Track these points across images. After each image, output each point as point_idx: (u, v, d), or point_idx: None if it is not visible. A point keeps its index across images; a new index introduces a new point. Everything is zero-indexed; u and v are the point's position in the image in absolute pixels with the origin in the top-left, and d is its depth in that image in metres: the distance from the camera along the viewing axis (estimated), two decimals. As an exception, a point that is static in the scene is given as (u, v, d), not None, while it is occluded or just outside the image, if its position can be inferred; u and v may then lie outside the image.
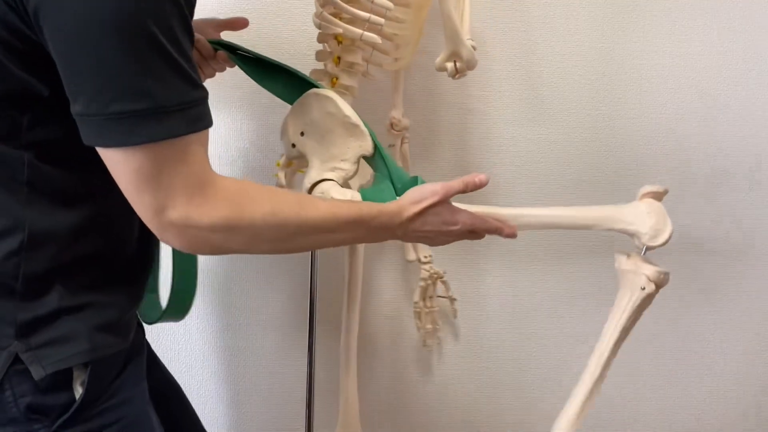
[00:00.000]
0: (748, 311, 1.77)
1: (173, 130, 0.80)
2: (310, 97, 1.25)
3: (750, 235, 1.75)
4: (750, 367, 1.79)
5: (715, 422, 1.80)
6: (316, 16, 1.24)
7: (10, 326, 0.86)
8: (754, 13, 1.67)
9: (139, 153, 0.79)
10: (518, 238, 1.14)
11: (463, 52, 1.29)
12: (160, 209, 0.83)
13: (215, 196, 0.86)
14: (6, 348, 0.86)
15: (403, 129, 1.51)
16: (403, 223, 1.06)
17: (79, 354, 0.89)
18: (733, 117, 1.71)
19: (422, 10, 1.35)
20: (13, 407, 0.87)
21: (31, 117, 0.84)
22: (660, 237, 1.17)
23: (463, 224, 1.10)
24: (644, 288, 1.17)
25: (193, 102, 0.82)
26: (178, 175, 0.82)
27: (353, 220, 1.00)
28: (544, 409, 1.79)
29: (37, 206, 0.86)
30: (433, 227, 1.08)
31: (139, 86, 0.77)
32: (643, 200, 1.19)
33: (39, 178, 0.86)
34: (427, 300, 1.66)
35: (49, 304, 0.88)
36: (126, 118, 0.77)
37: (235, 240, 0.89)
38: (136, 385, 1.00)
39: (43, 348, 0.87)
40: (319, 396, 1.58)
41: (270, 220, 0.90)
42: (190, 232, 0.85)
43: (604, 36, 1.66)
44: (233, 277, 1.71)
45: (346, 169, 1.26)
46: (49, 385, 0.88)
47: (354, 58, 1.28)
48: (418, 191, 1.09)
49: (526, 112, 1.68)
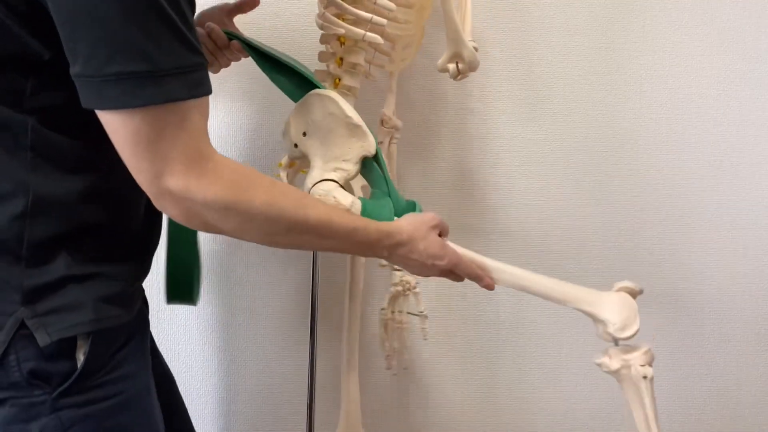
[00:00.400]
0: (748, 311, 1.77)
1: (172, 94, 0.80)
2: (313, 97, 1.25)
3: (749, 234, 1.75)
4: (750, 367, 1.79)
5: (715, 422, 1.81)
6: (318, 17, 1.24)
7: (16, 292, 0.87)
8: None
9: (137, 117, 0.80)
10: (518, 237, 1.14)
11: (465, 54, 1.29)
12: (158, 175, 0.83)
13: (215, 172, 0.86)
14: (12, 314, 0.87)
15: (392, 128, 1.50)
16: (393, 245, 1.07)
17: (84, 323, 0.89)
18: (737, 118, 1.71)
19: (424, 11, 1.35)
20: (16, 371, 0.87)
21: (35, 82, 0.85)
22: (626, 331, 1.18)
23: (449, 262, 1.12)
24: (645, 376, 1.18)
25: (193, 67, 0.82)
26: (178, 143, 0.82)
27: (346, 231, 1.01)
28: (544, 408, 1.80)
29: (42, 172, 0.87)
30: (420, 257, 1.10)
31: (138, 48, 0.77)
32: (618, 293, 1.20)
33: (43, 144, 0.87)
34: (396, 312, 1.58)
35: (56, 272, 0.88)
36: (124, 80, 0.77)
37: (228, 221, 0.89)
38: (138, 360, 1.00)
39: (49, 315, 0.88)
40: (320, 396, 1.58)
41: (266, 210, 0.91)
42: (186, 203, 0.85)
43: (604, 36, 1.67)
44: (234, 278, 1.71)
45: (347, 169, 1.26)
46: (53, 352, 0.88)
47: (356, 59, 1.28)
48: (418, 218, 1.12)
49: (526, 112, 1.68)
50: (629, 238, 1.74)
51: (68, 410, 0.90)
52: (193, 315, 1.71)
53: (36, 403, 0.89)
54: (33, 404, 0.89)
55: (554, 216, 1.73)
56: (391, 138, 1.54)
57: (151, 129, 0.80)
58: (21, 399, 0.88)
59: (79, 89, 0.80)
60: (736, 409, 1.80)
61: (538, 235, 1.73)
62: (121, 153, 0.83)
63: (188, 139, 0.83)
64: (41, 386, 0.88)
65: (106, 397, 0.93)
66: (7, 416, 0.89)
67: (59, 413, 0.89)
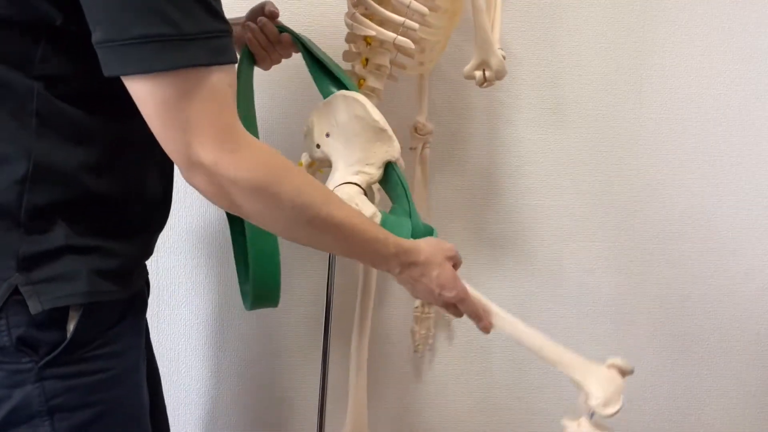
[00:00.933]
0: (748, 311, 1.80)
1: (195, 59, 0.79)
2: (338, 98, 1.22)
3: (749, 234, 1.77)
4: (750, 367, 1.82)
5: (715, 422, 1.83)
6: (347, 16, 1.22)
7: (12, 258, 0.87)
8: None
9: (163, 82, 0.79)
10: (519, 239, 1.13)
11: (492, 62, 1.27)
12: (188, 145, 0.82)
13: (250, 150, 0.86)
14: (7, 279, 0.87)
15: (426, 134, 1.50)
16: (407, 264, 1.06)
17: (77, 295, 0.89)
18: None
19: (455, 17, 1.33)
20: (6, 336, 0.87)
21: (46, 48, 0.84)
22: (608, 408, 1.18)
23: (457, 296, 1.11)
24: None
25: (216, 32, 0.82)
26: (207, 113, 0.82)
27: (366, 238, 1.00)
28: (544, 409, 1.80)
29: (46, 140, 0.87)
30: (430, 283, 1.09)
31: (161, 11, 0.77)
32: (609, 369, 1.21)
33: (49, 112, 0.86)
34: (425, 305, 1.66)
35: (54, 241, 0.88)
36: (147, 43, 0.77)
37: (255, 203, 0.88)
38: (130, 339, 1.00)
39: (43, 284, 0.87)
40: (332, 398, 1.56)
41: (294, 198, 0.90)
42: (216, 178, 0.84)
43: (633, 45, 1.67)
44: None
45: (371, 173, 1.25)
46: (44, 320, 0.88)
47: (382, 61, 1.26)
48: (438, 244, 1.11)
49: (551, 117, 1.68)
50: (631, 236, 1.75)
51: (53, 381, 0.89)
52: (194, 315, 1.68)
53: (22, 370, 0.88)
54: (19, 371, 0.88)
55: (582, 222, 1.74)
56: (424, 144, 1.52)
57: (179, 96, 0.80)
58: (8, 364, 0.88)
59: (102, 57, 0.80)
60: (736, 409, 1.83)
61: (538, 236, 1.73)
62: (151, 126, 0.83)
63: (218, 110, 0.83)
64: (29, 354, 0.88)
65: (93, 372, 0.93)
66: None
67: (43, 383, 0.89)
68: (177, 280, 1.66)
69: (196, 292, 1.67)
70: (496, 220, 1.72)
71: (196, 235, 1.65)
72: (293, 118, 1.29)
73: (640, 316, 1.77)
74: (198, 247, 1.66)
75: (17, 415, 0.89)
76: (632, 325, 1.77)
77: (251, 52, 1.29)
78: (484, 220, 1.71)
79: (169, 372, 1.66)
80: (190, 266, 1.66)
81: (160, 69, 0.78)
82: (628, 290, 1.76)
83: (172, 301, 1.67)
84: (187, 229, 1.65)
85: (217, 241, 1.66)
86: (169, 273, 1.64)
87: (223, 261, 1.66)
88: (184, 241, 1.65)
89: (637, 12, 1.67)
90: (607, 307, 1.76)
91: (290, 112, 1.58)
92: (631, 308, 1.77)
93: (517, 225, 1.71)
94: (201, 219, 1.64)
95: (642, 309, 1.77)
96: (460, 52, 1.58)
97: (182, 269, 1.66)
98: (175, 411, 1.70)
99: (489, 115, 1.67)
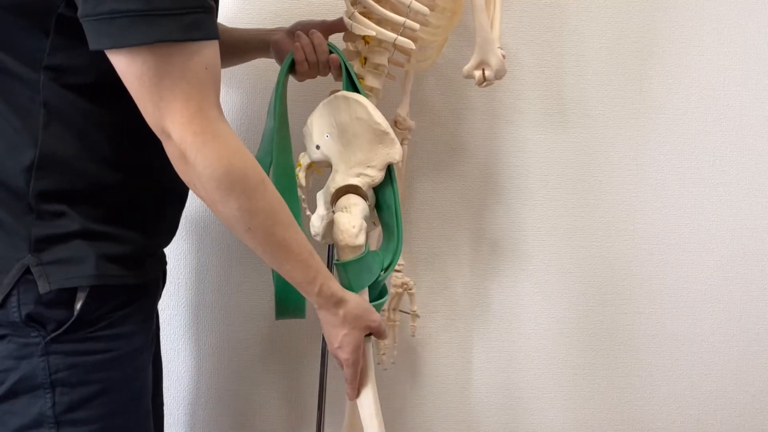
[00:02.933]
0: (748, 311, 1.80)
1: (165, 34, 0.80)
2: (339, 99, 1.21)
3: (749, 234, 1.77)
4: (750, 367, 1.81)
5: (715, 422, 1.83)
6: (347, 15, 1.21)
7: (25, 240, 0.92)
8: None
9: (137, 57, 0.81)
10: (515, 240, 1.12)
11: (492, 61, 1.26)
12: (161, 119, 0.85)
13: (217, 142, 0.87)
14: (20, 259, 0.92)
15: (406, 129, 1.48)
16: (331, 305, 1.09)
17: (84, 277, 0.93)
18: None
19: (455, 17, 1.32)
20: (16, 312, 0.92)
21: (54, 40, 0.87)
22: None
23: (348, 360, 1.14)
24: None
25: (191, 8, 0.82)
26: (177, 91, 0.83)
27: (298, 267, 1.02)
28: (544, 408, 1.80)
29: (54, 129, 0.90)
30: (336, 335, 1.12)
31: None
32: None
33: (56, 102, 0.89)
34: (390, 311, 1.58)
35: (64, 227, 0.93)
36: (118, 18, 0.79)
37: (204, 192, 0.90)
38: (138, 323, 1.02)
39: (52, 265, 0.92)
40: (332, 401, 1.56)
41: (242, 205, 0.91)
42: (183, 154, 0.86)
43: (634, 44, 1.66)
44: (246, 280, 1.67)
45: (372, 176, 1.24)
46: (53, 299, 0.92)
47: (381, 60, 1.25)
48: (366, 311, 1.13)
49: (551, 118, 1.67)
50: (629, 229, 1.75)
51: (57, 356, 0.93)
52: (194, 315, 1.67)
53: (30, 343, 0.93)
54: (27, 344, 0.93)
55: (582, 222, 1.73)
56: (403, 139, 1.51)
57: (152, 71, 0.82)
58: (18, 338, 0.93)
59: (86, 32, 0.82)
60: (736, 409, 1.83)
61: (538, 237, 1.72)
62: (133, 96, 0.85)
63: (189, 89, 0.84)
64: (37, 329, 0.92)
65: (97, 351, 0.96)
66: (5, 350, 0.93)
67: (48, 357, 0.93)
68: (177, 280, 1.66)
69: (196, 292, 1.67)
70: (496, 221, 1.71)
71: (196, 235, 1.65)
72: (293, 118, 1.28)
73: (641, 316, 1.77)
74: (198, 248, 1.65)
75: (22, 385, 0.93)
76: (632, 325, 1.77)
77: (294, 61, 1.27)
78: (483, 220, 1.70)
79: (168, 372, 1.65)
80: (190, 266, 1.66)
81: (129, 44, 0.80)
82: (628, 290, 1.76)
83: (172, 301, 1.67)
84: (188, 229, 1.64)
85: (218, 241, 1.65)
86: (169, 273, 1.64)
87: (223, 261, 1.66)
88: (184, 241, 1.64)
89: (637, 11, 1.66)
90: (607, 307, 1.76)
91: (290, 112, 1.58)
92: (632, 308, 1.76)
93: (517, 225, 1.71)
94: (200, 219, 1.64)
95: (642, 309, 1.77)
96: (459, 52, 1.58)
97: (182, 269, 1.66)
98: (174, 411, 1.69)
99: (489, 115, 1.67)
